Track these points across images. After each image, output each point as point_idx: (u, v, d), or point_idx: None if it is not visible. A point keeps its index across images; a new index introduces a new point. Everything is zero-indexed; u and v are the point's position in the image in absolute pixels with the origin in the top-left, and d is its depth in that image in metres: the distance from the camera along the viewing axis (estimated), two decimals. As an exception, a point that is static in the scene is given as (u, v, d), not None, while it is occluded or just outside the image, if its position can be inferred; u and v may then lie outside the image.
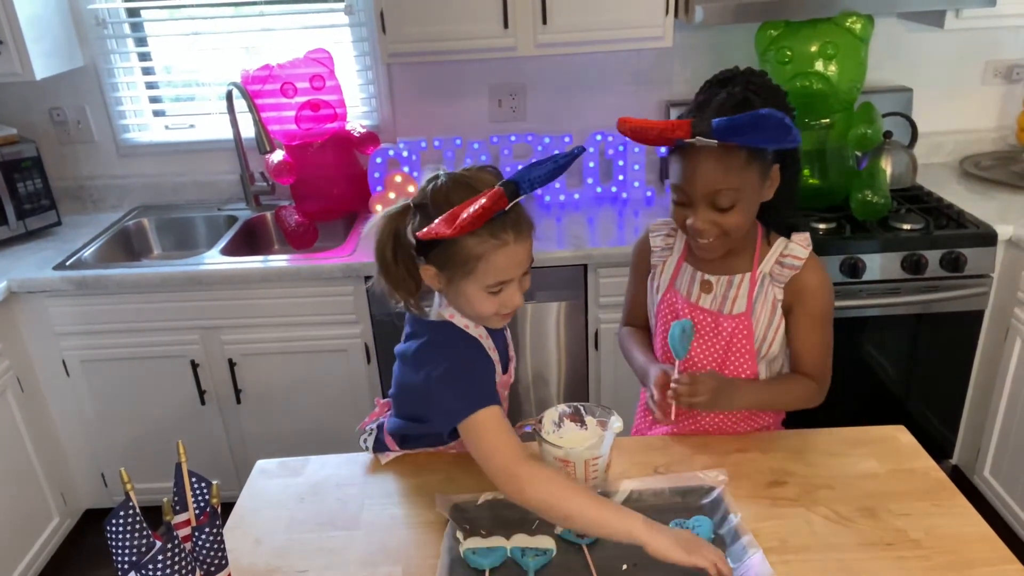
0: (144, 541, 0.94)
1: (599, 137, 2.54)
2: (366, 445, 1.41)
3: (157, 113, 2.77)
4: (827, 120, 2.24)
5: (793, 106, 1.32)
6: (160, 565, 0.93)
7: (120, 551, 0.94)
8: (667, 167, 1.34)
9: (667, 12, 2.23)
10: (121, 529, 0.93)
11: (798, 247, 1.36)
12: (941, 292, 2.18)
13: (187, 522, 1.03)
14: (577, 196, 2.58)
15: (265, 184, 2.68)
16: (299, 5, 2.60)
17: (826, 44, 2.17)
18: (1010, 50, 2.63)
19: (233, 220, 2.62)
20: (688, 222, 1.30)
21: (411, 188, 2.46)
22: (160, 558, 0.93)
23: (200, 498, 1.04)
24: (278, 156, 2.42)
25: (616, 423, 1.25)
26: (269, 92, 2.42)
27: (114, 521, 0.93)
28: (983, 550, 1.12)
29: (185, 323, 2.28)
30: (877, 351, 2.29)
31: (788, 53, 2.21)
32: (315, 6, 2.61)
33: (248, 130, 2.51)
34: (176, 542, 0.95)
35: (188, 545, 1.00)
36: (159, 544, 0.94)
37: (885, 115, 2.36)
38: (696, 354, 1.43)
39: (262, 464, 1.41)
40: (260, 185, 2.68)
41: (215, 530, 1.01)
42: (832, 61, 2.17)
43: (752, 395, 1.40)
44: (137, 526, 0.94)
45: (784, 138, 1.15)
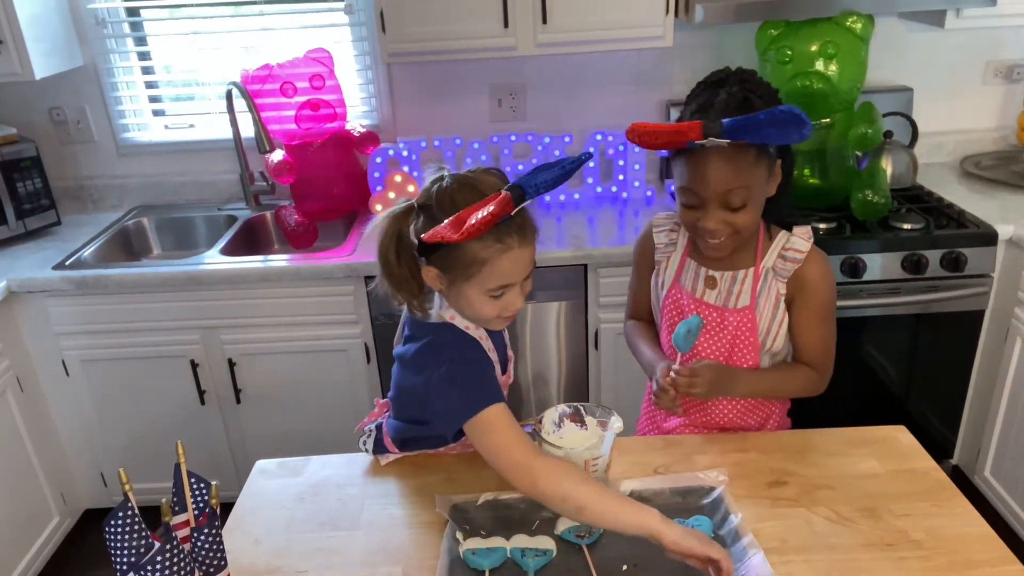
0: (143, 542, 0.94)
1: (599, 137, 2.54)
2: (365, 447, 1.40)
3: (157, 113, 2.76)
4: (827, 120, 2.24)
5: (784, 101, 1.32)
6: (159, 566, 0.93)
7: (119, 552, 0.93)
8: (668, 167, 1.34)
9: (667, 12, 2.24)
10: (120, 530, 0.93)
11: (800, 240, 1.37)
12: (941, 292, 2.18)
13: (186, 523, 1.03)
14: (577, 196, 2.57)
15: (265, 184, 2.68)
16: (299, 5, 2.60)
17: (826, 44, 2.17)
18: (1010, 50, 2.63)
19: (233, 220, 2.62)
20: (699, 223, 1.30)
21: (411, 188, 2.46)
22: (159, 559, 0.93)
23: (199, 499, 1.04)
24: (278, 156, 2.42)
25: (616, 423, 1.25)
26: (269, 92, 2.42)
27: (113, 522, 0.92)
28: (984, 550, 1.11)
29: (185, 323, 2.28)
30: (877, 351, 2.29)
31: (788, 53, 2.21)
32: (315, 6, 2.60)
33: (248, 130, 2.51)
34: (175, 543, 0.95)
35: (187, 546, 1.00)
36: (158, 545, 0.94)
37: (885, 115, 2.36)
38: (702, 349, 1.43)
39: (262, 464, 1.40)
40: (260, 185, 2.68)
41: (214, 531, 1.01)
42: (832, 61, 2.17)
43: (751, 383, 1.41)
44: (136, 527, 0.93)
45: (799, 131, 1.14)
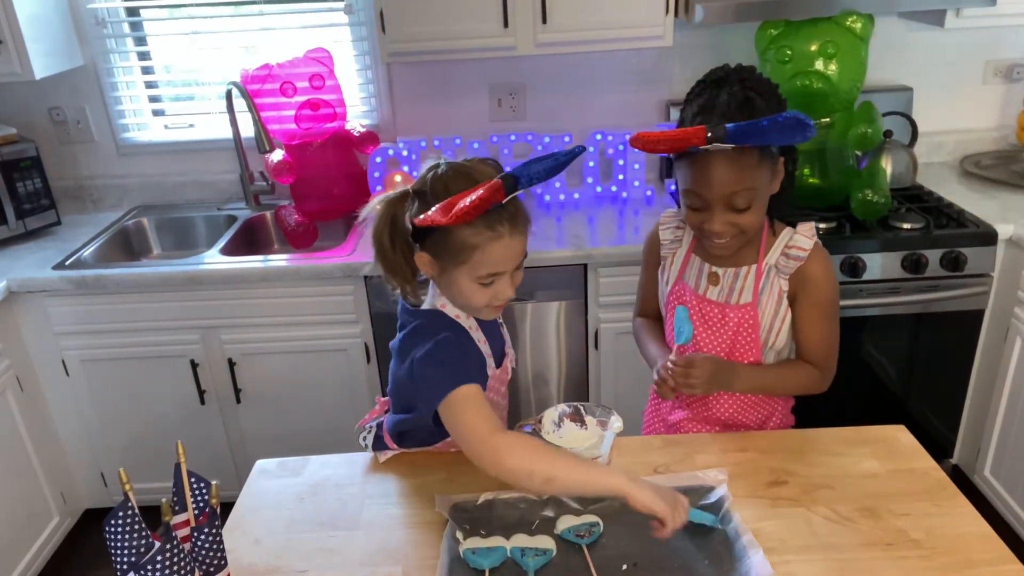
0: (143, 542, 0.94)
1: (599, 136, 2.54)
2: (365, 443, 1.41)
3: (157, 113, 2.76)
4: (827, 119, 2.24)
5: (785, 97, 1.33)
6: (159, 566, 0.93)
7: (119, 552, 0.93)
8: (668, 167, 1.34)
9: (667, 11, 2.23)
10: (120, 530, 0.93)
11: (803, 238, 1.37)
12: (941, 291, 2.18)
13: (186, 522, 1.03)
14: (577, 196, 2.57)
15: (265, 184, 2.68)
16: (298, 4, 2.60)
17: (826, 43, 2.17)
18: (1010, 49, 2.63)
19: (233, 220, 2.62)
20: (705, 226, 1.30)
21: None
22: (159, 559, 0.93)
23: (199, 498, 1.04)
24: (278, 156, 2.42)
25: (616, 423, 1.25)
26: (269, 91, 2.42)
27: (113, 522, 0.92)
28: (983, 550, 1.11)
29: (185, 323, 2.28)
30: (877, 351, 2.29)
31: (788, 52, 2.21)
32: (314, 5, 2.60)
33: (248, 130, 2.51)
34: (175, 542, 0.95)
35: (187, 545, 1.00)
36: (158, 545, 0.94)
37: (885, 114, 2.36)
38: (704, 345, 1.44)
39: (262, 464, 1.40)
40: (260, 185, 2.68)
41: (214, 530, 1.01)
42: (832, 60, 2.17)
43: (752, 379, 1.41)
44: (136, 527, 0.93)
45: (803, 134, 1.15)
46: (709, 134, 1.18)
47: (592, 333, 2.32)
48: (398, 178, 2.45)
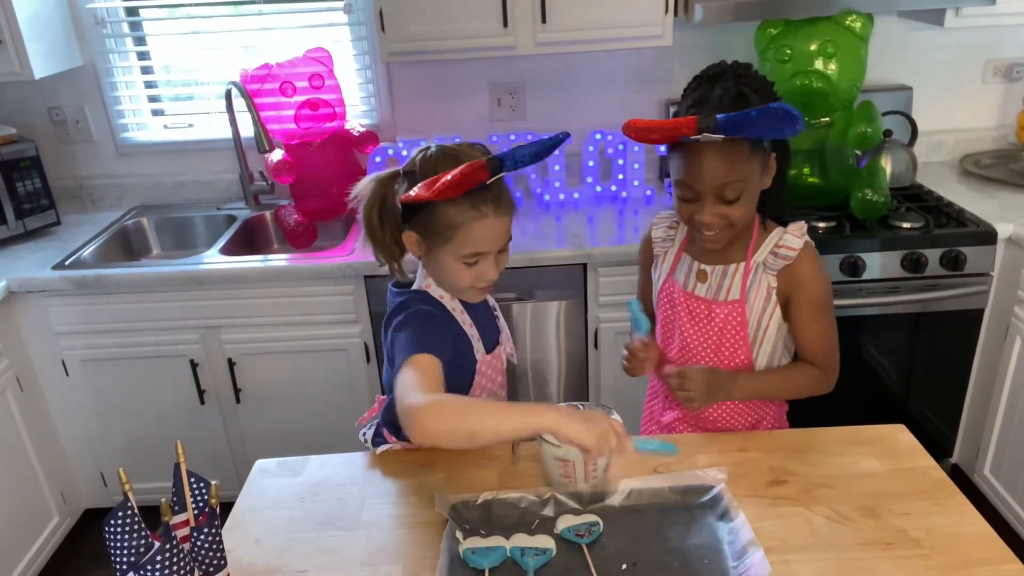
0: (143, 542, 0.94)
1: (599, 136, 2.54)
2: (364, 438, 1.42)
3: (156, 112, 2.76)
4: (827, 119, 2.24)
5: (780, 95, 1.34)
6: (159, 566, 0.92)
7: (119, 552, 0.93)
8: (667, 165, 1.35)
9: (667, 11, 2.24)
10: (120, 530, 0.93)
11: (792, 238, 1.36)
12: (941, 291, 2.18)
13: (186, 522, 1.03)
14: (577, 195, 2.57)
15: (264, 183, 2.68)
16: (298, 4, 2.60)
17: (826, 43, 2.16)
18: (1010, 48, 2.63)
19: (232, 219, 2.62)
20: (695, 217, 1.31)
21: (410, 187, 2.46)
22: (159, 559, 0.93)
23: (199, 498, 1.04)
24: (277, 155, 2.42)
25: (616, 423, 1.25)
26: (268, 91, 2.42)
27: (112, 522, 0.92)
28: (983, 549, 1.11)
29: (184, 323, 2.28)
30: (877, 350, 2.29)
31: (788, 52, 2.21)
32: (314, 5, 2.60)
33: (247, 129, 2.51)
34: (175, 542, 0.95)
35: (187, 546, 1.00)
36: (158, 545, 0.94)
37: (885, 114, 2.35)
38: (691, 342, 1.44)
39: (261, 464, 1.40)
40: (259, 184, 2.68)
41: (214, 530, 1.01)
42: (832, 60, 2.17)
43: (753, 386, 1.41)
44: (136, 527, 0.93)
45: (792, 127, 1.16)
46: (699, 124, 1.20)
47: (592, 333, 2.32)
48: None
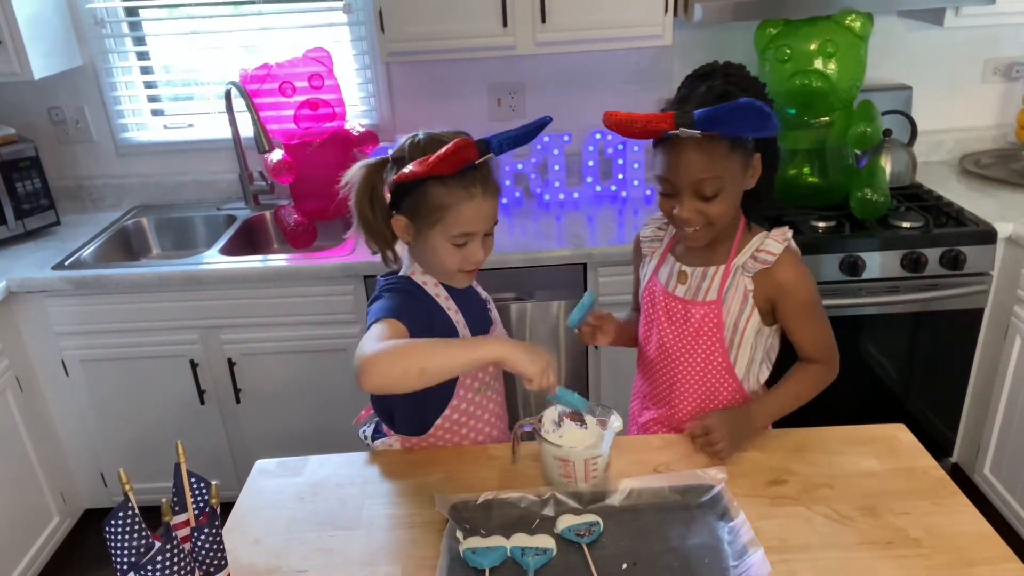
0: (143, 542, 0.94)
1: (598, 136, 2.54)
2: (364, 435, 1.43)
3: (156, 112, 2.76)
4: (826, 118, 2.24)
5: (771, 97, 1.34)
6: (159, 566, 0.92)
7: (119, 552, 0.93)
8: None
9: (666, 10, 2.24)
10: (120, 530, 0.93)
11: (773, 242, 1.35)
12: (941, 290, 2.18)
13: (186, 523, 1.03)
14: (577, 195, 2.57)
15: (264, 183, 2.68)
16: (298, 4, 2.60)
17: (825, 42, 2.17)
18: (1010, 48, 2.63)
19: (232, 219, 2.62)
20: (674, 212, 1.32)
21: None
22: (159, 559, 0.93)
23: (199, 498, 1.04)
24: (277, 155, 2.42)
25: (616, 422, 1.25)
26: (268, 91, 2.42)
27: (113, 522, 0.92)
28: (983, 548, 1.12)
29: (184, 323, 2.28)
30: (877, 350, 2.29)
31: (787, 51, 2.21)
32: (314, 5, 2.60)
33: (247, 129, 2.51)
34: (175, 543, 0.95)
35: (187, 546, 1.00)
36: (158, 545, 0.94)
37: (884, 113, 2.36)
38: (667, 341, 1.45)
39: (261, 464, 1.40)
40: (259, 184, 2.68)
41: (214, 530, 1.01)
42: (831, 59, 2.17)
43: (770, 408, 1.40)
44: (136, 527, 0.93)
45: (764, 126, 1.18)
46: (677, 119, 1.22)
47: (592, 332, 2.32)
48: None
